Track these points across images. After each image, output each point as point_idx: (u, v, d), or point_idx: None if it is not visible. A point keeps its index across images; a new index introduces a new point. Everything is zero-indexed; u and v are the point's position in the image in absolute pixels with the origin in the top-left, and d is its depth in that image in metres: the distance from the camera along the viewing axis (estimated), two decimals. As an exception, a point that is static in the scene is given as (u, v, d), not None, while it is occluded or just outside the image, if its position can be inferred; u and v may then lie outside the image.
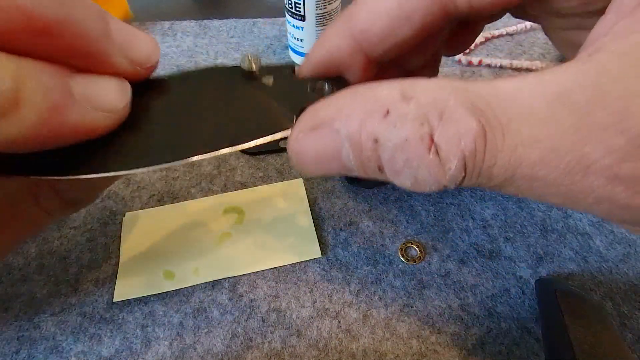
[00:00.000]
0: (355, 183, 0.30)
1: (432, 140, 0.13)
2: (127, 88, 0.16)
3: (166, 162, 0.17)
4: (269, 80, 0.19)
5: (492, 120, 0.12)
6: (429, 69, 0.22)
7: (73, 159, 0.16)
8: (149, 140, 0.17)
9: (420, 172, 0.13)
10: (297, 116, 0.17)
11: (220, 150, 0.17)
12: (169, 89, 0.19)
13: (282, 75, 0.19)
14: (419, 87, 0.13)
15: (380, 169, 0.14)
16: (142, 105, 0.18)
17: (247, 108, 0.18)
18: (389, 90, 0.14)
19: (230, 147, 0.17)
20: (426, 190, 0.14)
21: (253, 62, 0.19)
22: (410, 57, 0.20)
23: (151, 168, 0.17)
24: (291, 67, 0.20)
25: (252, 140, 0.18)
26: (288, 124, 0.18)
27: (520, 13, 0.19)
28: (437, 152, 0.13)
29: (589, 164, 0.11)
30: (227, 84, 0.19)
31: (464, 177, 0.13)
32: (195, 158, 0.17)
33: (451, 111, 0.12)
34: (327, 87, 0.19)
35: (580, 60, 0.12)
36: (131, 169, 0.16)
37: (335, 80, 0.19)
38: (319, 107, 0.15)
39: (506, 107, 0.12)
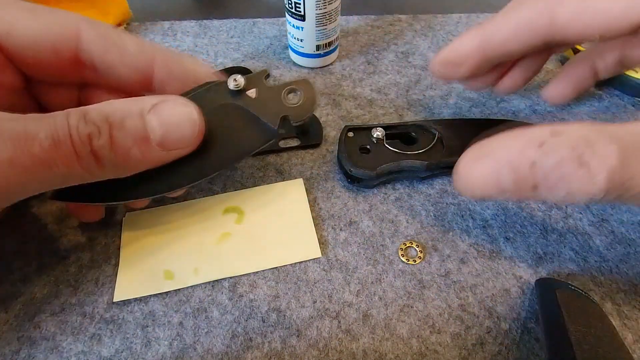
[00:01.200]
0: (355, 183, 0.30)
1: (582, 160, 0.16)
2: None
3: (188, 184, 0.24)
4: (252, 93, 0.25)
5: (626, 148, 0.16)
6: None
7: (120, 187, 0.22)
8: (179, 167, 0.23)
9: (572, 185, 0.17)
10: (279, 124, 0.25)
11: (227, 167, 0.24)
12: None
13: (261, 84, 0.25)
14: (566, 127, 0.18)
15: (535, 187, 0.18)
16: None
17: (242, 126, 0.25)
18: (540, 130, 0.18)
19: (236, 162, 0.25)
20: (575, 202, 0.18)
21: (239, 81, 0.25)
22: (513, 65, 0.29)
23: (179, 191, 0.25)
24: (264, 73, 0.26)
25: (252, 152, 0.25)
26: (273, 134, 0.25)
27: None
28: (587, 169, 0.16)
29: None
30: (223, 108, 0.25)
31: (609, 188, 0.17)
32: (209, 177, 0.24)
33: (596, 139, 0.17)
34: (297, 92, 0.26)
35: None
36: (162, 193, 0.23)
37: (301, 83, 0.26)
38: (483, 144, 0.20)
39: (635, 141, 0.17)
